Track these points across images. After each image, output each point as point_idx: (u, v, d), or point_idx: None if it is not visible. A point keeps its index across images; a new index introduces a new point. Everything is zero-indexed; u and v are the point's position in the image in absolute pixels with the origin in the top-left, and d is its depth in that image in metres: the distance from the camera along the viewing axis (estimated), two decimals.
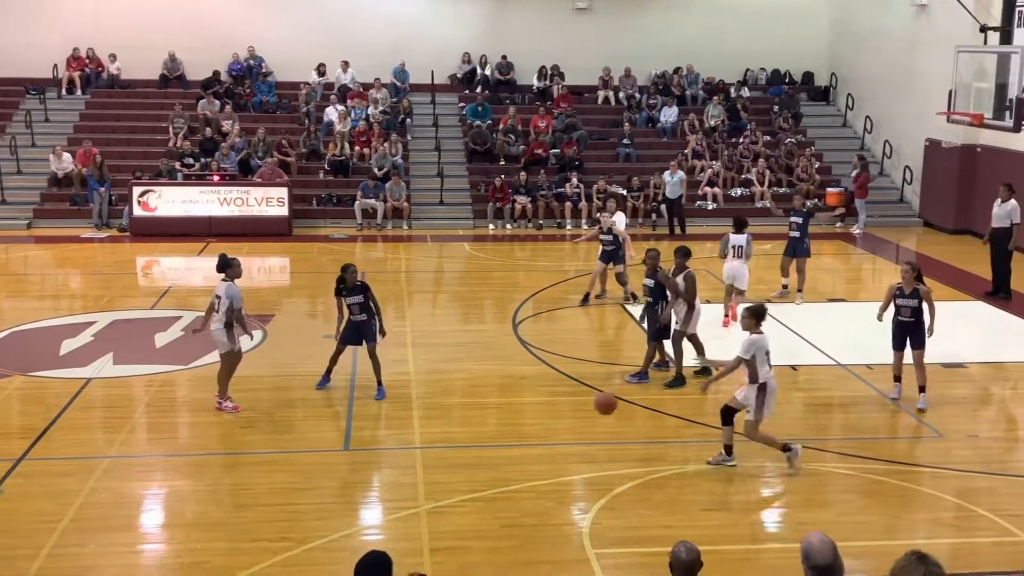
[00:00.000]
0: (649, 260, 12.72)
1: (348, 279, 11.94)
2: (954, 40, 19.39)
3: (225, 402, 11.54)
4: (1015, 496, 9.58)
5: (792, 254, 16.53)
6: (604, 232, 16.25)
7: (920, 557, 4.48)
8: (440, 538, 8.56)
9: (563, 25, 28.25)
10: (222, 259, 11.49)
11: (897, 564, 4.50)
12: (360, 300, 11.96)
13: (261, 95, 27.01)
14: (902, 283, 11.61)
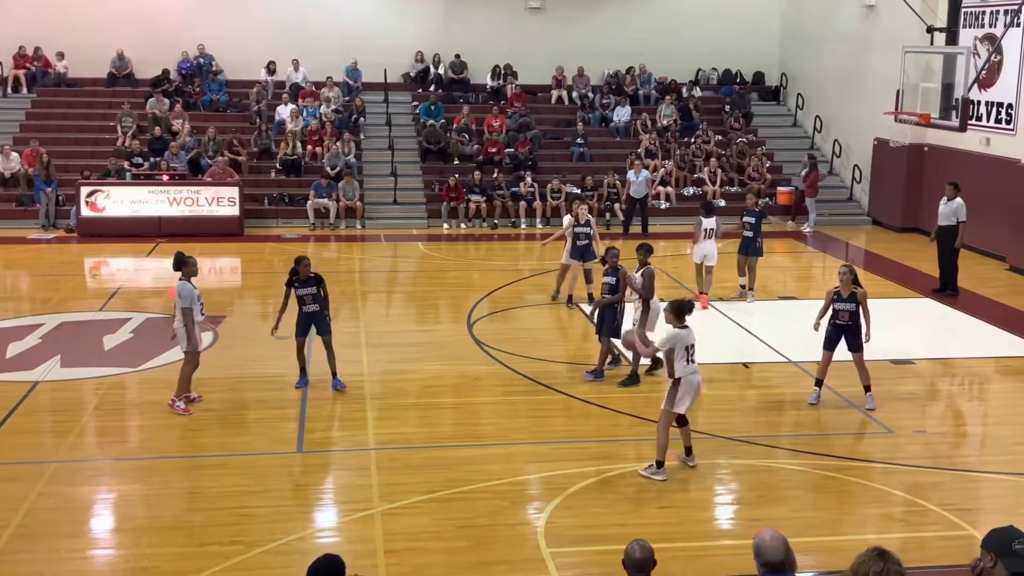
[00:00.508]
0: (610, 258, 12.81)
1: (301, 271, 12.08)
2: (902, 41, 19.71)
3: (178, 402, 11.44)
4: (962, 491, 9.74)
5: (745, 252, 16.68)
6: (581, 224, 16.09)
7: (880, 553, 4.54)
8: (394, 539, 8.51)
9: (516, 24, 28.27)
10: (178, 257, 11.48)
11: (858, 559, 4.56)
12: (313, 291, 12.11)
13: (211, 94, 26.72)
14: (839, 286, 11.69)
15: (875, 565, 4.49)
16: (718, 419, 11.78)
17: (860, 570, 4.50)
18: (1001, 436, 11.32)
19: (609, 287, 12.70)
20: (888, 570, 4.47)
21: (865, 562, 4.52)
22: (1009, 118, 20.12)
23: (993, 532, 4.86)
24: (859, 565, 4.53)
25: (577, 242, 16.05)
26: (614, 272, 12.69)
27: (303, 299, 12.09)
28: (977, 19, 20.87)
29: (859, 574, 4.51)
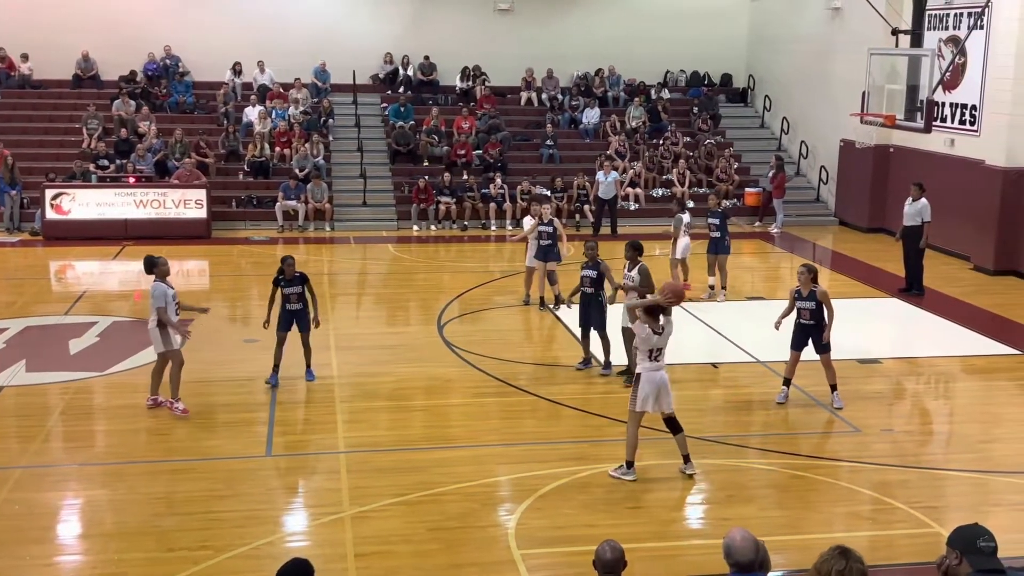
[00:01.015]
0: (588, 251, 12.92)
1: (287, 270, 12.38)
2: (867, 43, 19.85)
3: (176, 404, 11.49)
4: (929, 489, 9.84)
5: (715, 252, 16.83)
6: (544, 223, 16.08)
7: (843, 551, 4.58)
8: (365, 543, 8.48)
9: (485, 26, 28.27)
10: (147, 260, 11.57)
11: (821, 558, 4.60)
12: (299, 290, 12.39)
13: (178, 95, 26.52)
14: (799, 286, 11.78)
15: (838, 563, 4.53)
16: (687, 419, 11.79)
17: (823, 569, 4.54)
18: (967, 434, 11.44)
19: (590, 280, 12.75)
20: (851, 568, 4.52)
21: (828, 560, 4.56)
22: (973, 119, 20.36)
23: (958, 530, 4.91)
24: (822, 564, 4.56)
25: (540, 242, 16.05)
26: (595, 266, 12.77)
27: (288, 297, 12.37)
28: (941, 21, 21.11)
29: (822, 572, 4.54)
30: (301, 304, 12.42)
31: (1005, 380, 13.36)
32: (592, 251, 12.92)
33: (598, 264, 12.81)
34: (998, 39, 19.20)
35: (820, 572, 4.55)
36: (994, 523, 8.29)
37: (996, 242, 19.19)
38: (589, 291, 12.81)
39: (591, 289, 12.79)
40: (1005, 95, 18.90)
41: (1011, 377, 13.45)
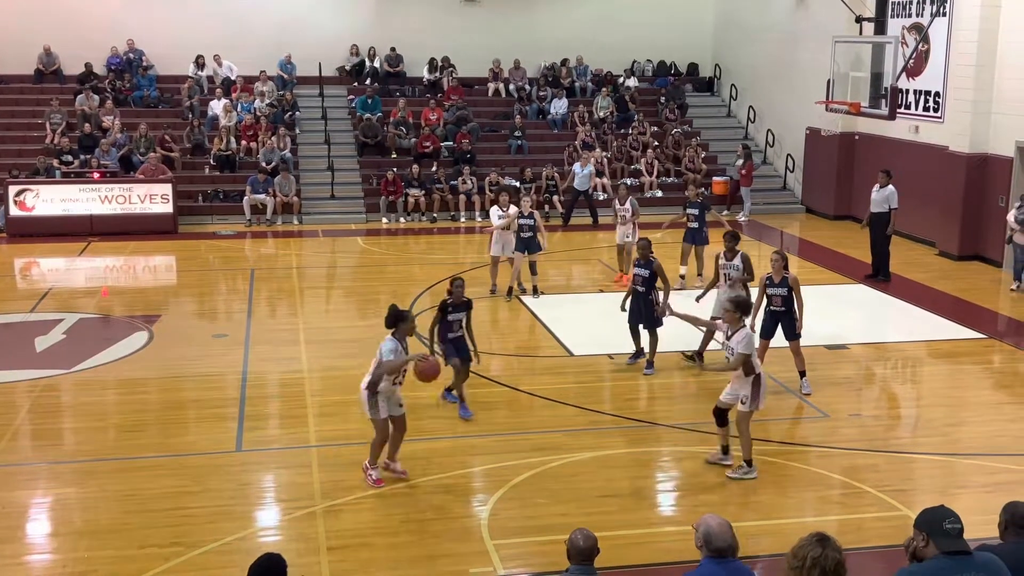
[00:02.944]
0: (640, 249, 12.85)
1: (456, 293, 11.25)
2: (831, 31, 20.03)
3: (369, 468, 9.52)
4: (897, 472, 9.95)
5: (692, 242, 16.82)
6: (524, 216, 16.08)
7: (821, 539, 4.62)
8: (337, 536, 8.47)
9: (452, 17, 28.18)
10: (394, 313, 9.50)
11: (799, 544, 4.64)
12: (462, 318, 11.29)
13: (142, 89, 26.25)
14: (771, 272, 11.83)
15: (814, 551, 4.57)
16: (659, 407, 11.91)
17: (800, 555, 4.58)
18: (933, 418, 11.57)
19: (642, 279, 12.62)
20: (826, 556, 4.55)
21: (805, 547, 4.60)
22: (937, 106, 20.55)
23: (925, 512, 4.97)
24: (799, 550, 4.60)
25: (521, 234, 16.05)
26: (647, 264, 12.64)
27: (452, 326, 11.26)
28: (904, 9, 21.28)
29: (798, 558, 4.58)
30: (462, 332, 11.31)
31: (970, 364, 13.52)
32: (645, 248, 12.79)
33: (651, 262, 12.66)
34: (960, 26, 19.38)
35: (796, 557, 4.59)
36: (961, 505, 8.40)
37: (961, 227, 19.41)
38: (640, 289, 12.64)
39: (642, 288, 12.63)
40: (968, 81, 19.10)
41: (976, 361, 13.62)
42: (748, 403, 9.48)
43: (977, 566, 4.78)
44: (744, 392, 9.47)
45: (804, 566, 4.54)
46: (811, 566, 4.53)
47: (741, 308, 9.69)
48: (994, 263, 18.81)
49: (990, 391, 12.66)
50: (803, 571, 4.55)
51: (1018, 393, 12.56)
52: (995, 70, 18.74)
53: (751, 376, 9.43)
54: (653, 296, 12.67)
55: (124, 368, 13.00)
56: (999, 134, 18.80)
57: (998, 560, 4.88)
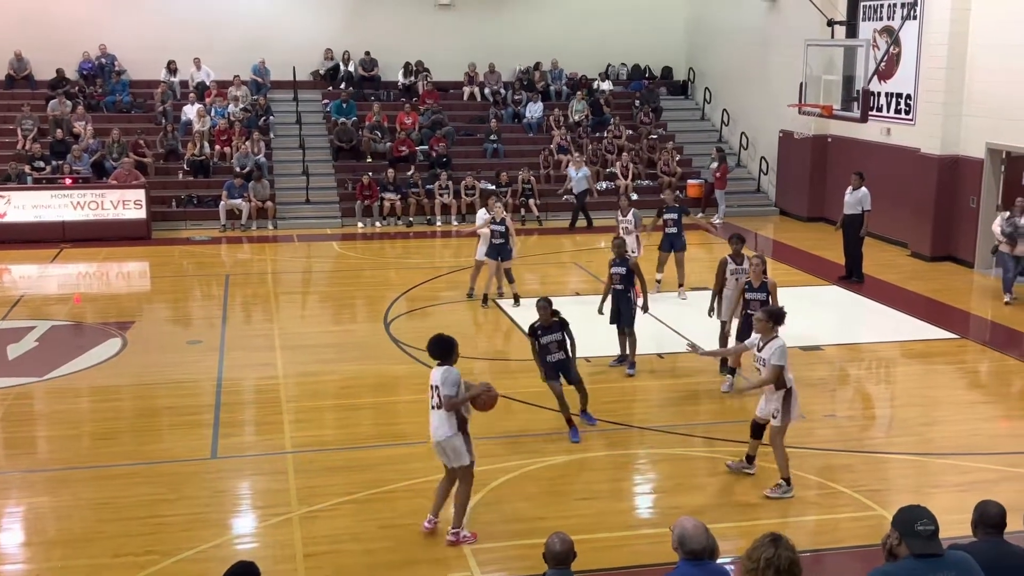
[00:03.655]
0: (616, 247, 12.80)
1: (541, 315, 10.50)
2: (803, 34, 20.15)
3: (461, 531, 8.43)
4: (872, 472, 10.01)
5: (670, 249, 16.51)
6: (496, 222, 16.06)
7: (774, 539, 4.66)
8: (314, 543, 8.43)
9: (426, 21, 28.16)
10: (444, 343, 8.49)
11: (752, 545, 4.67)
12: (558, 338, 10.56)
13: (115, 94, 26.07)
14: (750, 277, 11.80)
15: (767, 551, 4.61)
16: (634, 410, 11.93)
17: (754, 556, 4.62)
18: (907, 418, 11.65)
19: (620, 276, 12.61)
20: (779, 555, 4.59)
21: (758, 548, 4.64)
22: (908, 108, 20.72)
23: (901, 511, 5.01)
24: (753, 551, 4.64)
25: (493, 240, 16.05)
26: (624, 261, 12.65)
27: (547, 348, 10.53)
28: (875, 12, 21.45)
29: (753, 560, 4.62)
30: (562, 353, 10.57)
31: (943, 364, 13.63)
32: (620, 247, 12.77)
33: (627, 260, 12.68)
34: (931, 29, 19.55)
35: (751, 559, 4.63)
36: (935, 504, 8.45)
37: (933, 229, 19.56)
38: (619, 287, 12.64)
39: (621, 286, 12.62)
40: (939, 84, 19.27)
41: (949, 361, 13.73)
42: (780, 417, 9.23)
43: (948, 566, 4.82)
44: (775, 406, 9.22)
45: (759, 567, 4.58)
46: (765, 567, 4.57)
47: (774, 318, 9.33)
48: (966, 264, 18.98)
49: (963, 391, 12.77)
50: (758, 572, 4.60)
51: (991, 392, 12.69)
52: (965, 72, 18.92)
53: (781, 390, 9.18)
54: (632, 294, 12.70)
55: (97, 375, 12.90)
56: (970, 136, 18.97)
57: (970, 559, 4.92)
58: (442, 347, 8.41)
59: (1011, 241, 16.01)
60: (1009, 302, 16.17)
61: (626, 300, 12.67)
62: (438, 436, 8.24)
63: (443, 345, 8.42)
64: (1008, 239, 16.09)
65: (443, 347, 8.41)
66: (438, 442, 8.27)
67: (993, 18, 18.25)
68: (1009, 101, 17.83)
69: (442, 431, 8.20)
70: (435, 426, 8.25)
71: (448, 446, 8.24)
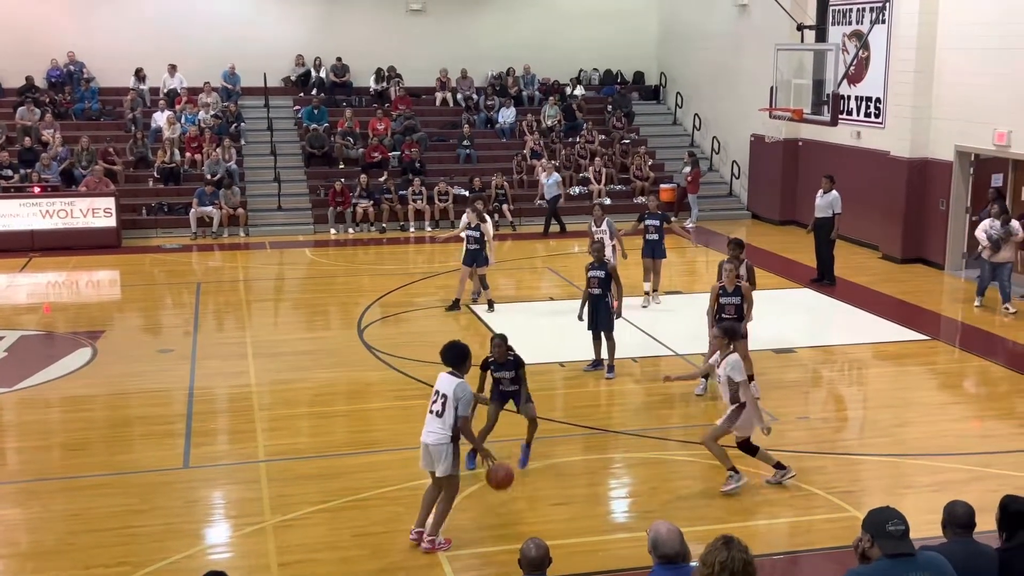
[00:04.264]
0: (594, 252, 12.78)
1: (496, 351, 9.85)
2: (774, 39, 20.26)
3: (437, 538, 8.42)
4: (845, 473, 10.06)
5: (651, 255, 16.32)
6: (471, 228, 16.00)
7: (726, 541, 4.66)
8: (288, 552, 8.37)
9: (398, 27, 28.13)
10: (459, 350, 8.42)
11: (706, 549, 4.68)
12: (511, 375, 9.89)
13: (84, 102, 25.85)
14: (724, 282, 11.74)
15: (720, 554, 4.60)
16: (609, 414, 11.94)
17: (708, 560, 4.62)
18: (879, 419, 11.72)
19: (598, 280, 12.60)
20: (733, 558, 4.59)
21: (712, 552, 4.63)
22: (878, 112, 20.90)
23: (870, 513, 5.03)
24: (707, 555, 4.64)
25: (468, 246, 16.03)
26: (602, 266, 12.65)
27: (500, 380, 9.94)
28: (845, 16, 21.63)
29: (707, 564, 4.62)
30: (515, 386, 9.95)
31: (914, 365, 13.73)
32: (599, 251, 12.77)
33: (605, 264, 12.68)
34: (899, 33, 19.73)
35: (705, 564, 4.63)
36: (908, 504, 8.50)
37: (903, 231, 19.72)
38: (596, 292, 12.61)
39: (598, 290, 12.60)
40: (907, 87, 19.44)
41: (920, 362, 13.83)
42: (723, 420, 9.39)
43: (920, 566, 4.85)
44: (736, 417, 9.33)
45: (714, 571, 4.58)
46: (720, 570, 4.57)
47: (729, 335, 9.46)
48: (936, 265, 19.14)
49: (934, 392, 12.87)
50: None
51: (961, 393, 12.79)
52: (934, 76, 19.09)
53: (736, 404, 9.29)
54: (609, 299, 12.72)
55: (68, 385, 12.77)
56: (939, 139, 19.15)
57: (942, 559, 4.95)
58: (455, 354, 8.32)
59: (995, 247, 15.65)
60: (979, 306, 16.19)
61: (604, 305, 12.69)
62: (429, 439, 8.17)
63: (457, 352, 8.33)
64: (993, 245, 15.68)
65: (456, 354, 8.32)
66: (427, 444, 8.19)
67: (961, 22, 18.43)
68: (977, 104, 18.02)
69: (435, 436, 8.14)
70: (429, 430, 8.19)
71: (436, 452, 8.15)
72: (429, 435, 8.19)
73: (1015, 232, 15.68)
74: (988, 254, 15.82)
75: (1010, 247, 15.78)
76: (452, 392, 8.11)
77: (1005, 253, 15.77)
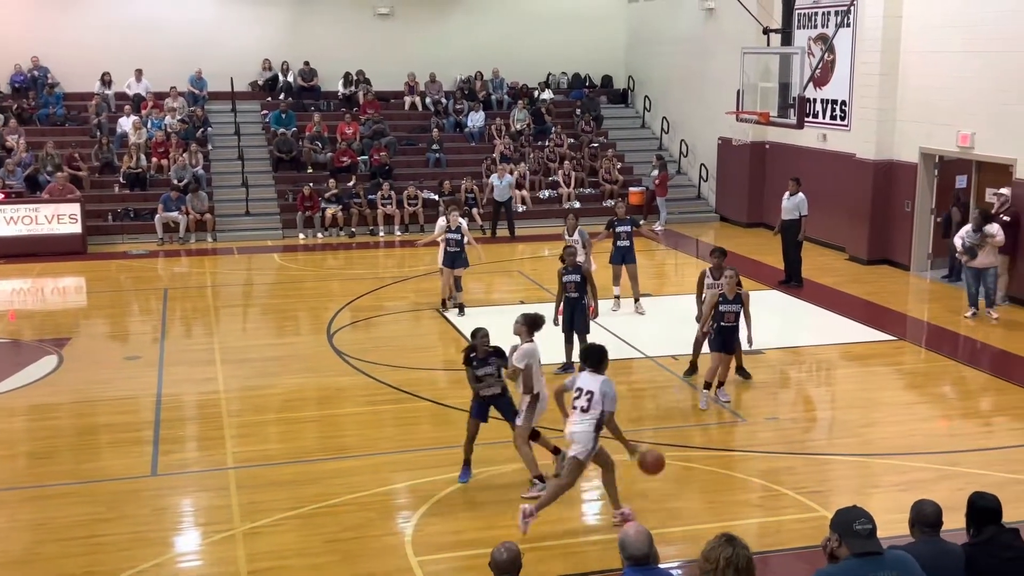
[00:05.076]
0: (568, 256, 12.85)
1: (479, 348, 9.74)
2: (740, 42, 20.35)
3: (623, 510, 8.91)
4: (814, 473, 10.13)
5: (622, 262, 16.19)
6: (452, 231, 16.01)
7: (729, 539, 4.68)
8: (258, 559, 8.31)
9: (365, 31, 28.06)
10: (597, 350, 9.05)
11: (708, 546, 4.69)
12: (493, 371, 9.73)
13: (48, 107, 25.58)
14: (724, 290, 11.67)
15: (725, 551, 4.63)
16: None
17: (712, 557, 4.63)
18: (847, 420, 11.81)
19: (575, 284, 12.70)
20: (738, 555, 4.62)
21: (715, 548, 4.65)
22: (843, 114, 21.08)
23: (838, 513, 5.07)
24: (710, 552, 4.66)
25: (447, 248, 16.05)
26: (576, 269, 12.75)
27: (484, 380, 9.73)
28: (810, 20, 21.81)
29: (710, 560, 4.63)
30: (499, 388, 9.77)
31: (881, 365, 13.85)
32: (572, 255, 12.85)
33: (579, 268, 12.79)
34: (864, 36, 19.92)
35: (708, 560, 4.64)
36: (876, 504, 8.57)
37: (869, 232, 19.90)
38: (574, 296, 12.72)
39: (576, 294, 12.72)
40: (872, 90, 19.63)
41: (887, 362, 13.96)
42: (522, 418, 9.47)
43: (888, 565, 4.89)
44: (523, 408, 9.46)
45: (718, 567, 4.60)
46: (725, 566, 4.59)
47: (529, 323, 9.62)
48: (902, 266, 19.33)
49: (901, 391, 12.98)
50: (717, 572, 4.61)
51: (928, 393, 12.91)
52: (898, 79, 19.30)
53: (528, 395, 9.40)
54: (586, 302, 12.83)
55: (33, 393, 12.62)
56: (903, 141, 19.35)
57: (910, 558, 5.00)
58: (598, 355, 8.92)
59: (971, 254, 15.43)
60: (972, 316, 15.76)
61: (581, 308, 12.80)
62: (576, 429, 8.63)
63: (598, 353, 8.95)
64: (967, 251, 15.48)
65: (598, 355, 8.92)
66: (573, 434, 8.65)
67: (924, 25, 18.64)
68: (941, 107, 18.22)
69: (580, 427, 8.59)
70: (574, 421, 8.65)
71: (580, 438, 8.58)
72: (575, 427, 8.63)
73: (992, 235, 15.38)
74: (966, 260, 15.60)
75: (991, 251, 15.46)
76: (599, 389, 8.62)
77: (988, 258, 15.45)
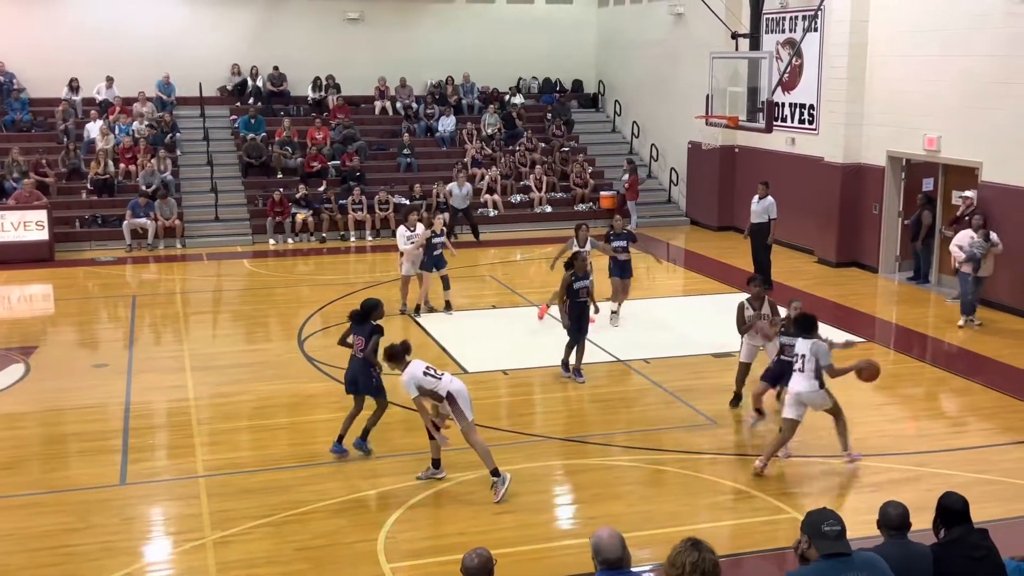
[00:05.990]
0: (580, 262, 13.04)
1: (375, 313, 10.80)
2: (709, 47, 20.45)
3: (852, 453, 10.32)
4: (785, 475, 10.17)
5: (620, 275, 15.91)
6: (437, 235, 16.27)
7: (695, 543, 4.68)
8: (229, 568, 8.25)
9: (335, 35, 27.96)
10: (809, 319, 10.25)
11: (674, 551, 4.68)
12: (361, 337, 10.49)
13: (14, 113, 25.31)
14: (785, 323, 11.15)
15: (691, 555, 4.63)
16: (551, 421, 11.96)
17: (677, 562, 4.63)
18: (818, 421, 11.76)
19: (587, 290, 12.98)
20: (703, 558, 4.62)
21: (681, 553, 4.65)
22: (811, 118, 21.24)
23: (808, 515, 5.11)
24: (676, 556, 4.65)
25: (432, 252, 16.17)
26: (587, 276, 13.00)
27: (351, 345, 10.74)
28: (778, 25, 21.96)
29: (676, 565, 4.63)
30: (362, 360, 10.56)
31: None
32: (584, 261, 13.11)
33: (588, 275, 13.05)
34: (831, 40, 20.09)
35: (674, 565, 4.63)
36: (846, 505, 8.63)
37: (838, 235, 20.06)
38: (584, 301, 12.97)
39: (587, 299, 13.02)
40: (840, 94, 19.79)
41: None
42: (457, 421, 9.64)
43: (857, 566, 4.92)
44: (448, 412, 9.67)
45: (684, 572, 4.59)
46: (691, 571, 4.59)
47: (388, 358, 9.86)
48: (870, 269, 19.50)
49: (870, 393, 13.00)
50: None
51: (897, 394, 13.01)
52: (865, 83, 19.47)
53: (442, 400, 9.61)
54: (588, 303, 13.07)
55: (0, 402, 12.49)
56: (871, 144, 19.52)
57: (879, 559, 5.04)
58: (808, 322, 10.09)
59: (975, 263, 15.21)
60: (963, 325, 15.55)
61: (586, 311, 13.07)
62: (802, 388, 9.89)
63: (810, 321, 10.10)
64: (972, 261, 15.22)
65: (809, 323, 10.08)
66: (800, 393, 9.88)
67: (891, 30, 18.83)
68: (907, 110, 18.40)
69: (804, 386, 9.87)
70: (796, 382, 9.94)
71: (809, 397, 9.89)
72: (798, 386, 9.89)
73: (996, 244, 15.34)
74: (969, 268, 15.36)
75: (990, 259, 15.40)
76: (810, 350, 9.83)
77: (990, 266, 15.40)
